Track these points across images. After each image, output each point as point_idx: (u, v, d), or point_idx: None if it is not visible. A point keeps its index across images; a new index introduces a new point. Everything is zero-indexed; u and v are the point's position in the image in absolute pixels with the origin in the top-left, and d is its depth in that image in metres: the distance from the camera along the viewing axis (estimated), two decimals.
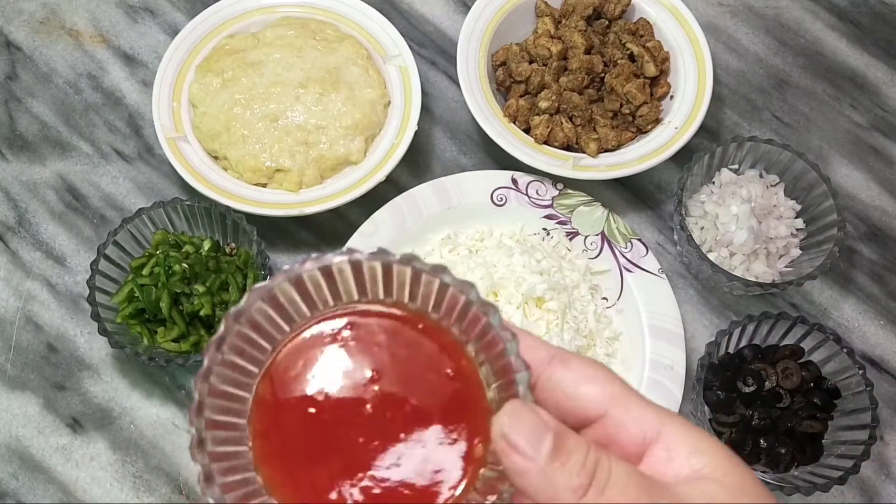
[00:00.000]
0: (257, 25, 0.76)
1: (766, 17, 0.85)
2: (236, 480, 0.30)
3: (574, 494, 0.27)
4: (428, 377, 0.32)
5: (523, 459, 0.27)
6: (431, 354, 0.32)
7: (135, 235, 0.66)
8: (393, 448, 0.30)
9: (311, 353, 0.32)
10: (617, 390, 0.31)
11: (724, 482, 0.28)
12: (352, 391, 0.31)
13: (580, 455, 0.27)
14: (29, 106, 0.77)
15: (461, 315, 0.31)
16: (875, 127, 0.80)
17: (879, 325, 0.72)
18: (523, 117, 0.73)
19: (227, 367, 0.31)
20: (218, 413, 0.30)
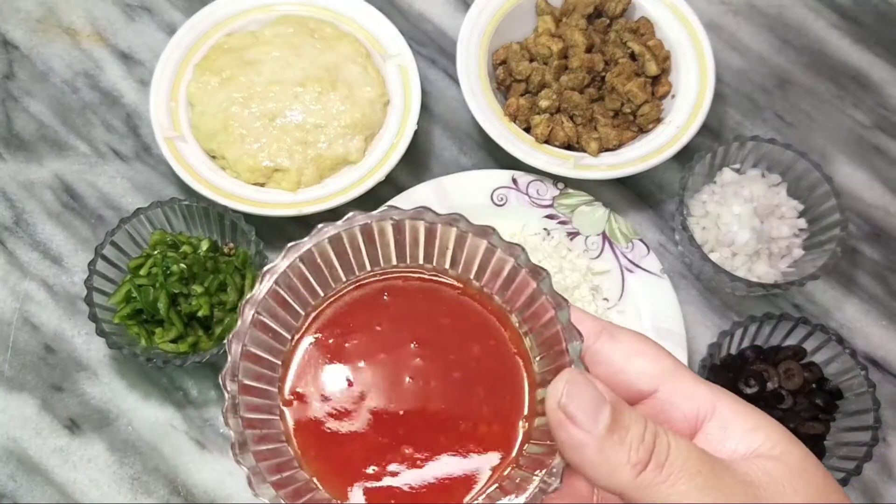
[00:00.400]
0: (256, 24, 0.75)
1: (768, 15, 0.85)
2: (269, 449, 0.28)
3: (633, 470, 0.25)
4: (470, 348, 0.30)
5: (580, 432, 0.26)
6: (474, 324, 0.30)
7: (132, 235, 0.66)
8: (434, 421, 0.29)
9: (347, 321, 0.30)
10: (669, 365, 0.30)
11: (786, 460, 0.27)
12: (391, 361, 0.30)
13: (638, 429, 0.26)
14: (26, 105, 0.77)
15: (507, 281, 0.30)
16: (878, 126, 0.80)
17: (882, 325, 0.72)
18: (524, 116, 0.72)
19: (261, 329, 0.29)
20: (250, 378, 0.28)
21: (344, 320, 0.30)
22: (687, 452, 0.26)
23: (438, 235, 0.30)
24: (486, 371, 0.30)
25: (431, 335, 0.30)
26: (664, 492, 0.25)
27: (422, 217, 0.29)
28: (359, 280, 0.31)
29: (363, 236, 0.30)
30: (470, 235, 0.29)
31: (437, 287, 0.31)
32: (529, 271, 0.29)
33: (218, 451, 0.65)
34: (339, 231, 0.29)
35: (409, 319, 0.30)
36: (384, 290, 0.31)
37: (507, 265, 0.29)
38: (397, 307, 0.30)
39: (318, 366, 0.30)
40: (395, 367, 0.30)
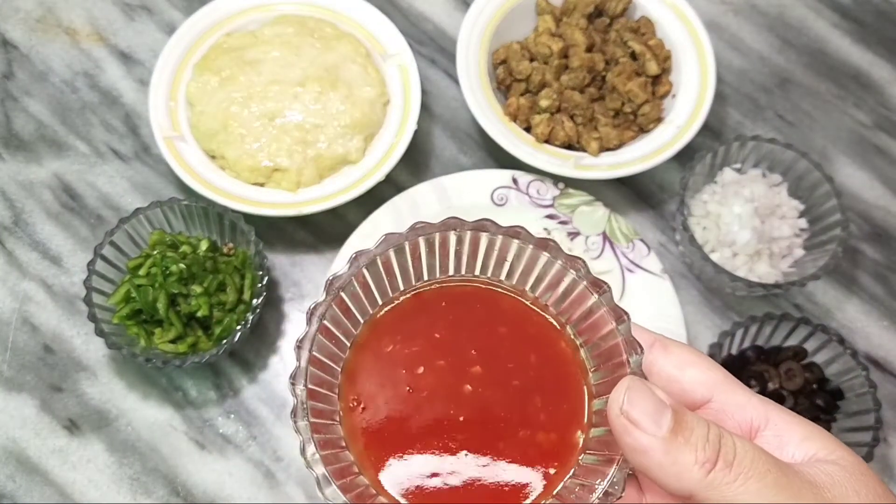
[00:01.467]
0: (255, 23, 0.75)
1: (769, 15, 0.84)
2: (332, 454, 0.29)
3: (702, 470, 0.26)
4: (528, 356, 0.30)
5: (645, 436, 0.26)
6: (530, 333, 0.31)
7: (131, 235, 0.65)
8: (493, 429, 0.29)
9: (407, 328, 0.31)
10: (721, 376, 0.30)
11: (843, 465, 0.28)
12: (451, 369, 0.30)
13: (702, 430, 0.26)
14: (25, 105, 0.77)
15: (565, 294, 0.30)
16: (879, 126, 0.80)
17: (883, 326, 0.71)
18: (524, 116, 0.72)
19: (325, 336, 0.29)
20: (314, 383, 0.29)
21: (404, 327, 0.31)
22: (754, 452, 0.27)
23: (498, 247, 0.30)
24: (543, 380, 0.30)
25: (490, 343, 0.31)
26: (735, 490, 0.25)
27: (485, 229, 0.30)
28: (417, 289, 0.31)
29: (426, 246, 0.30)
30: (530, 248, 0.30)
31: (494, 296, 0.31)
32: (589, 284, 0.29)
33: (217, 451, 0.65)
34: (403, 241, 0.30)
35: (468, 327, 0.31)
36: (442, 298, 0.31)
37: (567, 278, 0.30)
38: (455, 314, 0.31)
39: (378, 372, 0.30)
40: (454, 375, 0.30)
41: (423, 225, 0.30)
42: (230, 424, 0.66)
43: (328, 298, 0.29)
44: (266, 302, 0.66)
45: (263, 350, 0.68)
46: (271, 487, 0.64)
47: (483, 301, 0.31)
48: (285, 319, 0.70)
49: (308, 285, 0.71)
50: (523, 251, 0.30)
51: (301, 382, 0.28)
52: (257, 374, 0.67)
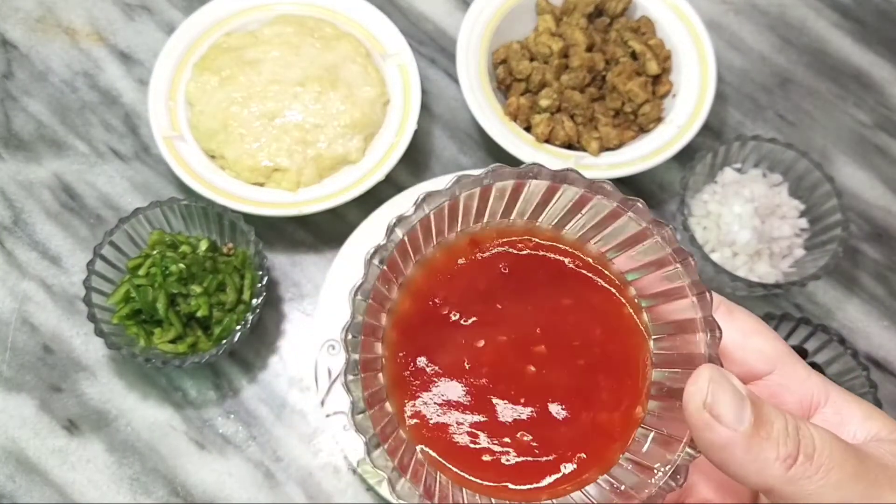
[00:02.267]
0: (255, 23, 0.75)
1: (769, 14, 0.84)
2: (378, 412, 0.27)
3: (783, 465, 0.25)
4: (593, 331, 0.29)
5: (728, 431, 0.25)
6: (595, 303, 0.29)
7: (131, 235, 0.65)
8: (555, 410, 0.28)
9: (467, 292, 0.28)
10: (784, 349, 0.29)
11: None
12: (514, 347, 0.28)
13: (781, 423, 0.26)
14: (25, 105, 0.77)
15: (641, 255, 0.28)
16: (879, 126, 0.79)
17: (883, 326, 0.71)
18: (524, 116, 0.72)
19: (381, 282, 0.27)
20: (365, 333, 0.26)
21: (462, 288, 0.28)
22: (832, 443, 0.26)
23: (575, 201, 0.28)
24: (608, 356, 0.29)
25: (555, 319, 0.29)
26: (816, 483, 0.25)
27: (567, 180, 0.27)
28: (473, 234, 0.28)
29: (497, 192, 0.27)
30: (615, 204, 0.28)
31: (555, 259, 0.29)
32: (674, 252, 0.28)
33: (217, 451, 0.65)
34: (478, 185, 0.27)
35: (531, 299, 0.28)
36: (503, 259, 0.29)
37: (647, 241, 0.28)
38: (518, 282, 0.28)
39: (432, 333, 0.28)
40: (518, 353, 0.28)
41: (500, 170, 0.27)
42: (230, 424, 0.65)
43: (389, 242, 0.26)
44: (266, 302, 0.66)
45: (263, 350, 0.68)
46: (271, 487, 0.64)
47: (545, 266, 0.29)
48: (285, 319, 0.70)
49: (308, 285, 0.71)
50: (602, 208, 0.28)
51: (352, 334, 0.25)
52: (257, 374, 0.67)
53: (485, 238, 0.29)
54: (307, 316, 0.70)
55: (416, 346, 0.28)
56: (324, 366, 0.63)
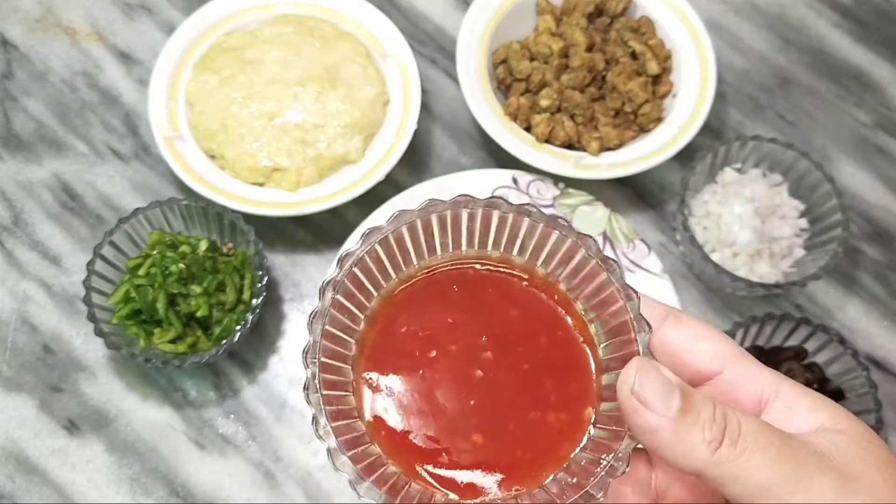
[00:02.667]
0: (255, 23, 0.75)
1: (769, 14, 0.84)
2: (345, 425, 0.29)
3: (709, 448, 0.27)
4: (538, 339, 0.31)
5: (655, 416, 0.27)
6: (541, 314, 0.32)
7: (131, 235, 0.65)
8: (504, 411, 0.30)
9: (421, 310, 0.31)
10: (733, 349, 0.31)
11: (850, 434, 0.29)
12: (462, 354, 0.31)
13: (709, 410, 0.27)
14: (24, 105, 0.77)
15: (576, 270, 0.31)
16: (880, 126, 0.79)
17: (884, 326, 0.71)
18: (524, 116, 0.72)
19: (338, 310, 0.30)
20: (327, 356, 0.29)
21: (418, 308, 0.31)
22: (758, 428, 0.27)
23: (510, 224, 0.31)
24: (553, 361, 0.31)
25: (501, 328, 0.31)
26: (740, 465, 0.26)
27: (496, 206, 0.30)
28: (430, 268, 0.32)
29: (438, 223, 0.31)
30: (541, 225, 0.30)
31: (505, 278, 0.32)
32: (600, 261, 0.30)
33: (217, 451, 0.65)
34: (415, 218, 0.30)
35: (480, 312, 0.31)
36: (455, 281, 0.32)
37: (578, 254, 0.30)
38: (468, 299, 0.32)
39: (393, 351, 0.31)
40: (466, 360, 0.31)
41: (435, 202, 0.30)
42: (230, 425, 0.65)
43: (341, 273, 0.30)
44: (266, 302, 0.66)
45: (263, 350, 0.68)
46: (271, 488, 0.64)
47: (494, 283, 0.32)
48: (285, 319, 0.70)
49: (308, 285, 0.71)
50: (534, 228, 0.31)
51: (314, 356, 0.29)
52: (257, 375, 0.67)
53: (439, 265, 0.32)
54: (307, 316, 0.69)
55: (375, 360, 0.31)
56: None
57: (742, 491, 0.27)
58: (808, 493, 0.26)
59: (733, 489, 0.27)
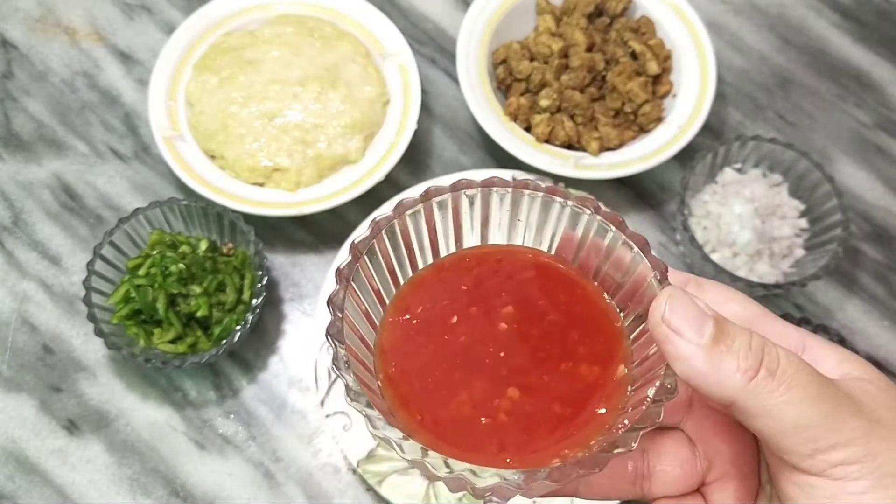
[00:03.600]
0: (255, 23, 0.75)
1: (769, 14, 0.84)
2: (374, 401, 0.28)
3: (744, 377, 0.26)
4: (557, 296, 0.31)
5: (687, 343, 0.26)
6: (555, 279, 0.32)
7: (131, 235, 0.65)
8: (535, 362, 0.30)
9: (434, 291, 0.32)
10: (757, 310, 0.31)
11: (876, 383, 0.29)
12: (483, 313, 0.31)
13: (745, 338, 0.27)
14: (24, 105, 0.77)
15: (582, 241, 0.31)
16: (880, 126, 0.79)
17: (884, 326, 0.71)
18: (524, 116, 0.72)
19: (354, 297, 0.29)
20: (351, 336, 0.29)
21: (431, 291, 0.32)
22: (798, 364, 0.27)
23: (510, 204, 0.32)
24: (576, 316, 0.31)
25: (517, 286, 0.31)
26: (778, 398, 0.26)
27: (493, 185, 0.31)
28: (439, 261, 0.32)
29: (439, 210, 0.31)
30: (541, 196, 0.31)
31: (514, 250, 0.33)
32: (604, 219, 0.30)
33: (217, 451, 0.65)
34: (418, 205, 0.31)
35: (494, 277, 0.32)
36: (464, 256, 0.33)
37: (581, 220, 0.31)
38: (480, 269, 0.32)
39: (414, 332, 0.31)
40: (488, 317, 0.30)
41: (435, 188, 0.31)
42: (230, 425, 0.65)
43: (353, 262, 0.30)
44: (266, 302, 0.66)
45: (263, 350, 0.68)
46: (271, 488, 0.64)
47: (505, 255, 0.33)
48: (285, 320, 0.70)
49: (308, 285, 0.71)
50: (534, 201, 0.31)
51: (336, 333, 0.28)
52: (257, 375, 0.67)
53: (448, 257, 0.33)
54: (307, 316, 0.70)
55: (398, 344, 0.31)
56: (324, 366, 0.63)
57: (774, 426, 0.26)
58: (840, 434, 0.26)
59: (764, 423, 0.26)
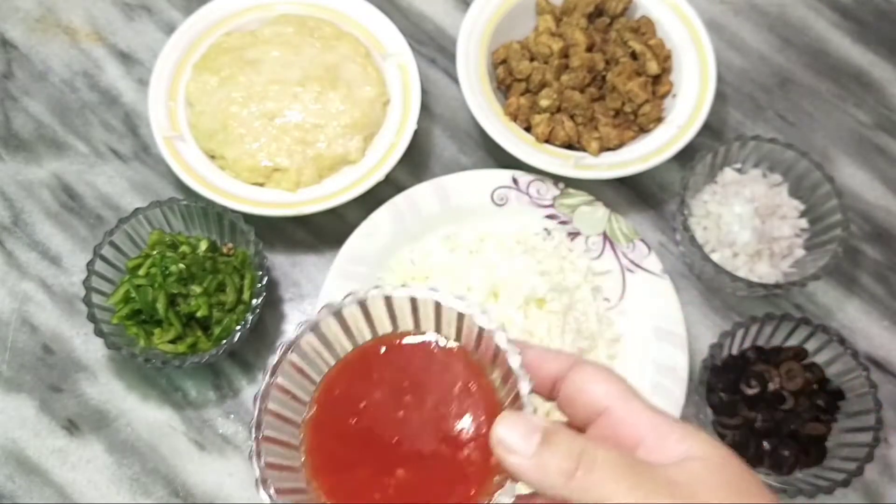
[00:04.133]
0: (255, 23, 0.75)
1: (769, 14, 0.84)
2: (290, 487, 0.34)
3: (564, 476, 0.31)
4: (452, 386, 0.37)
5: (518, 456, 0.32)
6: (453, 369, 0.37)
7: (131, 235, 0.65)
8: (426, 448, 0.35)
9: (354, 377, 0.37)
10: (620, 389, 0.36)
11: (707, 459, 0.32)
12: (386, 401, 0.36)
13: (567, 443, 0.32)
14: (24, 105, 0.77)
15: (477, 340, 0.36)
16: (880, 126, 0.79)
17: (884, 326, 0.71)
18: (524, 116, 0.72)
19: (280, 391, 0.35)
20: (272, 430, 0.35)
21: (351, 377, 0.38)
22: (614, 459, 0.31)
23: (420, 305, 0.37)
24: (465, 404, 0.36)
25: (419, 377, 0.37)
26: (595, 491, 0.31)
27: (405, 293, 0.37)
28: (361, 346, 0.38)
29: (360, 309, 0.37)
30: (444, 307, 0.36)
31: (425, 345, 0.38)
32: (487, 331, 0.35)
33: (217, 451, 0.65)
34: (339, 308, 0.36)
35: (400, 367, 0.37)
36: (383, 352, 0.38)
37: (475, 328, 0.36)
38: (389, 358, 0.38)
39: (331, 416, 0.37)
40: (389, 403, 0.36)
41: (355, 293, 0.36)
42: (230, 425, 0.65)
43: (278, 359, 0.35)
44: (266, 302, 0.66)
45: (263, 350, 0.68)
46: None
47: (416, 350, 0.38)
48: (285, 320, 0.70)
49: (308, 285, 0.71)
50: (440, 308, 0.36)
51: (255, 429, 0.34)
52: (257, 375, 0.67)
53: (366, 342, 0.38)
54: (307, 316, 0.70)
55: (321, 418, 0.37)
56: None
57: None
58: None
59: None
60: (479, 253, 0.67)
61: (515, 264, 0.65)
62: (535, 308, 0.63)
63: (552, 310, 0.63)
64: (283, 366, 0.35)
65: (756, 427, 0.61)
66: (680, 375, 0.64)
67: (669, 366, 0.64)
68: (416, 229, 0.68)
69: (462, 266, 0.65)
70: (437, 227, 0.69)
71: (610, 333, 0.67)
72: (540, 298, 0.63)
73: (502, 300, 0.63)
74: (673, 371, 0.64)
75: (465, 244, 0.69)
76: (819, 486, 0.58)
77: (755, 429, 0.62)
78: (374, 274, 0.67)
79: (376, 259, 0.67)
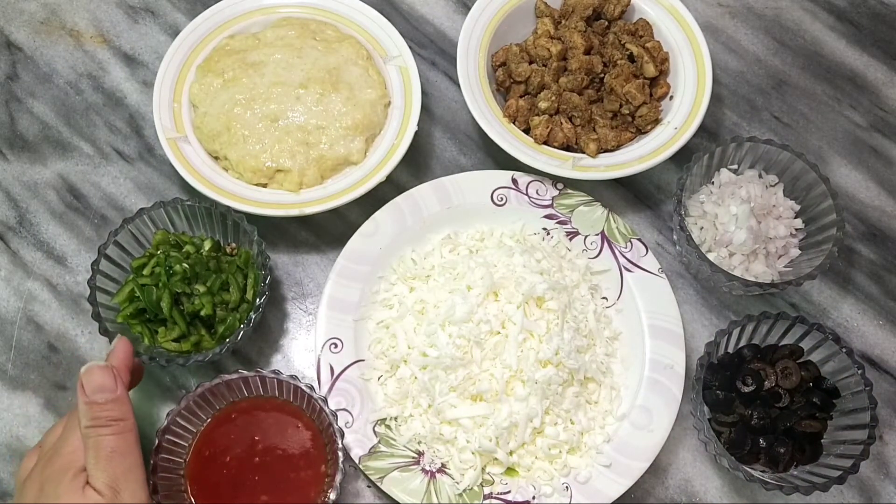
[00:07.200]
0: (258, 26, 0.76)
1: (765, 17, 0.85)
2: None
3: None
4: (290, 434, 0.58)
5: None
6: (289, 420, 0.59)
7: (135, 235, 0.66)
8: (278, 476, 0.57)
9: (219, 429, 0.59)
10: None
11: None
12: (244, 450, 0.58)
13: None
14: (30, 106, 0.77)
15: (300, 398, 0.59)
16: (874, 127, 0.80)
17: (878, 324, 0.72)
18: (523, 117, 0.73)
19: (169, 444, 0.57)
20: (164, 472, 0.56)
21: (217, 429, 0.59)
22: None
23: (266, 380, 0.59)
24: (298, 442, 0.58)
25: (264, 429, 0.59)
26: None
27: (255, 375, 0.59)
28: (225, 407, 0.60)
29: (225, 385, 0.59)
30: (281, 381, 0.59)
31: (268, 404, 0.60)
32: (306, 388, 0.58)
33: None
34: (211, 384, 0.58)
35: (253, 424, 0.59)
36: (238, 411, 0.60)
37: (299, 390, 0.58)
38: (242, 421, 0.59)
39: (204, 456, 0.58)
40: (247, 453, 0.58)
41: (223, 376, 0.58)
42: None
43: (167, 423, 0.57)
44: (269, 301, 0.66)
45: (266, 349, 0.69)
46: None
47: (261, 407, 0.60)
48: (287, 318, 0.70)
49: (310, 284, 0.71)
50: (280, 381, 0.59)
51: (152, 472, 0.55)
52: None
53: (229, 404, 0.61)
54: (309, 315, 0.70)
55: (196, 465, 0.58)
56: (326, 364, 0.64)
57: None
58: None
59: None
60: (479, 252, 0.68)
61: (515, 263, 0.65)
62: (534, 306, 0.64)
63: (551, 308, 0.64)
64: (171, 427, 0.56)
65: (752, 424, 0.62)
66: (677, 373, 0.64)
67: (666, 363, 0.65)
68: (416, 229, 0.69)
69: (462, 265, 0.66)
70: (437, 227, 0.70)
71: (608, 331, 0.67)
72: (539, 297, 0.64)
73: (502, 299, 0.64)
74: (670, 369, 0.65)
75: (466, 244, 0.69)
76: (814, 484, 0.59)
77: (751, 426, 0.62)
78: (376, 273, 0.68)
79: (378, 258, 0.68)
